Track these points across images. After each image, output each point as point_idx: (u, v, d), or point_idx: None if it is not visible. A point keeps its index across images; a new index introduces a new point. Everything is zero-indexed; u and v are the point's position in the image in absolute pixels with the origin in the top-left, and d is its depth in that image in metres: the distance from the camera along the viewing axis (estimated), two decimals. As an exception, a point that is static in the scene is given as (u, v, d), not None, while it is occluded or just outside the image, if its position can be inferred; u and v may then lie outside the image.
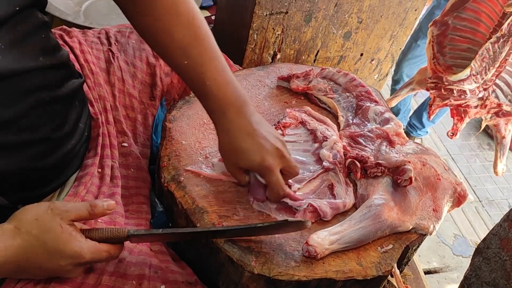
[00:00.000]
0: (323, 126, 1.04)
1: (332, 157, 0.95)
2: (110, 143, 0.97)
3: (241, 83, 1.18)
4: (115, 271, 0.77)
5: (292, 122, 1.05)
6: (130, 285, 0.76)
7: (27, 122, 0.75)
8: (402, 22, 1.53)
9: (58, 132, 0.82)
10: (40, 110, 0.77)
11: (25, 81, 0.73)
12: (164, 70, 1.13)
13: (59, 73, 0.82)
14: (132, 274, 0.78)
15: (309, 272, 0.78)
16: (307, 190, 0.91)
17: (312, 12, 1.36)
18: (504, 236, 0.73)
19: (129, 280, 0.77)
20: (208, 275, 0.88)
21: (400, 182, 0.91)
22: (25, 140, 0.75)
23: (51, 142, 0.81)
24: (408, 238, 0.89)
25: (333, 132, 1.03)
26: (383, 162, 0.94)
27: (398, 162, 0.92)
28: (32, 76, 0.74)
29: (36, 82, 0.75)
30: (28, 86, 0.73)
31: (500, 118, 1.24)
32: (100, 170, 0.92)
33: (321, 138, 1.00)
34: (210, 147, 0.98)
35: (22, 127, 0.74)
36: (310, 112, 1.09)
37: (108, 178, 0.91)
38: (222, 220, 0.83)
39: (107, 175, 0.91)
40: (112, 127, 1.00)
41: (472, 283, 0.79)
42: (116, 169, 0.94)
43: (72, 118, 0.86)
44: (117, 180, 0.92)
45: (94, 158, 0.92)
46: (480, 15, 1.14)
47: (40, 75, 0.75)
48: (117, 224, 0.84)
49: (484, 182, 2.95)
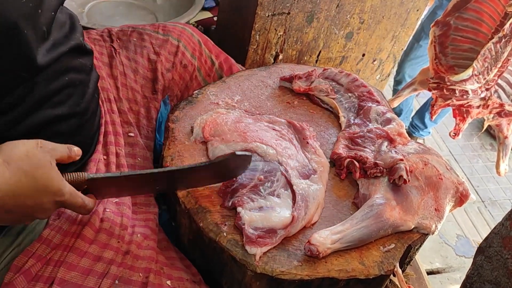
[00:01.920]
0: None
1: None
2: (115, 131, 0.98)
3: (244, 84, 1.19)
4: (122, 262, 0.79)
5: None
6: (137, 277, 0.78)
7: (61, 97, 0.80)
8: (404, 23, 1.53)
9: (83, 113, 0.86)
10: (70, 90, 0.82)
11: (61, 63, 0.78)
12: (165, 65, 1.14)
13: (86, 59, 0.88)
14: (139, 267, 0.79)
15: (312, 271, 0.79)
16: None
17: (314, 13, 1.37)
18: (506, 235, 0.73)
19: (136, 272, 0.78)
20: (211, 274, 0.88)
21: (393, 181, 0.91)
22: (58, 114, 0.79)
23: (80, 118, 0.85)
24: (411, 237, 0.89)
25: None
26: (380, 162, 0.94)
27: (391, 162, 0.93)
28: (65, 60, 0.79)
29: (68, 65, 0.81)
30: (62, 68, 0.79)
31: (502, 118, 1.24)
32: (105, 157, 0.93)
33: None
34: (212, 147, 0.99)
35: (55, 102, 0.79)
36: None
37: (114, 166, 0.92)
38: (225, 220, 0.84)
39: (112, 163, 0.92)
40: (117, 115, 1.01)
41: (474, 281, 0.79)
42: (122, 157, 0.95)
43: (92, 106, 0.91)
44: (124, 169, 0.94)
45: (97, 145, 0.93)
46: (482, 15, 1.14)
47: (71, 59, 0.82)
48: (125, 215, 0.86)
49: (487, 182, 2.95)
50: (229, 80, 1.19)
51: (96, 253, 0.78)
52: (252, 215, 0.82)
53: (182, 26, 1.22)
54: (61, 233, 0.78)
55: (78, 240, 0.78)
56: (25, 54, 0.70)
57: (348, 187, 0.98)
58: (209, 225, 0.83)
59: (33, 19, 0.70)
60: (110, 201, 0.87)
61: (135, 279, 0.77)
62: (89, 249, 0.78)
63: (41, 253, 0.75)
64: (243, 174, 0.89)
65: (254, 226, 0.81)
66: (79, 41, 0.84)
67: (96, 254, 0.78)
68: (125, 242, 0.82)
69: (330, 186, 0.97)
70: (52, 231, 0.77)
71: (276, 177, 0.90)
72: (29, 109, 0.75)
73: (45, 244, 0.76)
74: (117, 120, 1.00)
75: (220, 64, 1.26)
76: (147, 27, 1.18)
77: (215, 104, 1.10)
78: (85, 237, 0.78)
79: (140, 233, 0.85)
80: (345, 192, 0.96)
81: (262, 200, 0.85)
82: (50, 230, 0.77)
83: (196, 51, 1.20)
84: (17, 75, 0.71)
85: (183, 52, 1.17)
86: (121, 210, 0.86)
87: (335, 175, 1.00)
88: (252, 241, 0.79)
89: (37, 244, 0.75)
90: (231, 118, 1.02)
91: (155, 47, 1.14)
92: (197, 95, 1.11)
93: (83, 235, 0.78)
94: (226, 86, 1.16)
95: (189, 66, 1.19)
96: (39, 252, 0.75)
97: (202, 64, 1.22)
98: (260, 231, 0.81)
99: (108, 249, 0.79)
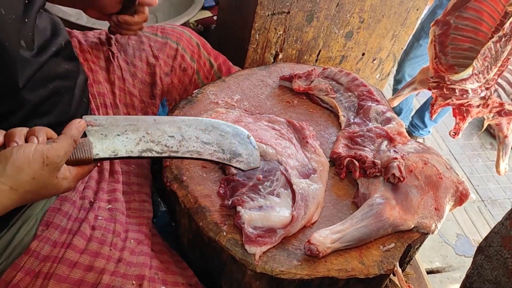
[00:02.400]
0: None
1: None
2: None
3: (243, 83, 1.18)
4: (115, 271, 0.77)
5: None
6: (130, 285, 0.77)
7: (47, 107, 0.79)
8: (404, 22, 1.53)
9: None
10: (56, 98, 0.81)
11: (43, 72, 0.77)
12: (164, 70, 1.14)
13: (72, 65, 0.86)
14: (132, 274, 0.78)
15: (311, 270, 0.79)
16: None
17: (313, 12, 1.36)
18: (506, 234, 0.73)
19: (129, 280, 0.77)
20: (210, 275, 0.88)
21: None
22: (45, 124, 0.76)
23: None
24: (410, 236, 0.89)
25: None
26: (377, 161, 0.94)
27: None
28: (48, 67, 0.78)
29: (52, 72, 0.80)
30: (46, 75, 0.78)
31: (502, 117, 1.24)
32: (98, 164, 0.92)
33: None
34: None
35: (43, 111, 0.78)
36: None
37: (107, 173, 0.91)
38: (224, 220, 0.84)
39: (105, 170, 0.91)
40: None
41: (474, 281, 0.79)
42: (117, 164, 0.94)
43: (80, 111, 0.89)
44: (117, 175, 0.93)
45: None
46: (482, 14, 1.14)
47: (54, 66, 0.80)
48: (118, 221, 0.84)
49: (487, 181, 2.94)
50: (228, 79, 1.19)
51: (87, 262, 0.76)
52: (252, 214, 0.82)
53: (181, 28, 1.22)
54: (50, 244, 0.76)
55: (68, 250, 0.76)
56: (7, 67, 0.69)
57: (348, 186, 0.98)
58: (209, 224, 0.82)
59: (14, 30, 0.69)
60: (103, 208, 0.85)
61: (128, 287, 0.76)
62: (79, 259, 0.76)
63: (30, 266, 0.73)
64: (242, 173, 0.88)
65: (254, 225, 0.81)
66: (61, 46, 0.82)
67: (87, 263, 0.76)
68: (117, 249, 0.80)
69: (329, 186, 0.97)
70: (40, 242, 0.76)
71: (275, 177, 0.89)
72: (19, 122, 0.74)
73: (33, 256, 0.74)
74: None
75: (219, 66, 1.26)
76: (146, 29, 1.17)
77: (215, 103, 1.10)
78: (75, 247, 0.77)
79: (134, 238, 0.84)
80: (344, 192, 0.96)
81: (261, 200, 0.85)
82: (38, 241, 0.76)
83: (195, 54, 1.20)
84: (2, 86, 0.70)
85: (183, 55, 1.17)
86: (114, 216, 0.85)
87: (334, 175, 1.00)
88: (252, 241, 0.79)
89: (25, 257, 0.74)
90: (231, 118, 1.02)
91: (154, 50, 1.13)
92: (196, 94, 1.11)
93: (73, 245, 0.77)
94: (226, 85, 1.16)
95: (189, 69, 1.18)
96: (27, 265, 0.73)
97: (201, 66, 1.21)
98: (260, 230, 0.80)
99: (100, 258, 0.78)
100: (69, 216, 0.81)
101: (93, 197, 0.86)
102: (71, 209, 0.82)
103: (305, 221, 0.85)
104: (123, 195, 0.91)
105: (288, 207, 0.84)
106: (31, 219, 0.79)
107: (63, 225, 0.79)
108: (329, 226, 0.84)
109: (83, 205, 0.84)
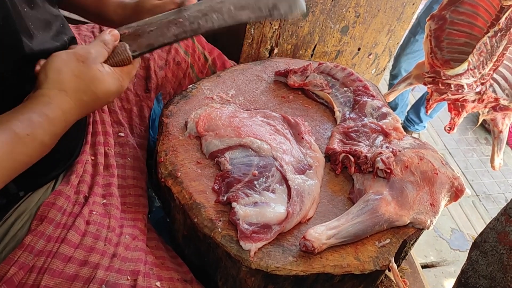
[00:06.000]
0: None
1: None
2: (104, 131, 0.97)
3: (238, 78, 1.18)
4: (109, 266, 0.77)
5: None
6: (125, 280, 0.76)
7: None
8: (399, 16, 1.52)
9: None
10: None
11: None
12: (158, 63, 1.13)
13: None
14: (127, 270, 0.78)
15: (307, 267, 0.78)
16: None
17: (309, 6, 1.35)
18: (501, 230, 0.73)
19: (123, 275, 0.77)
20: (206, 271, 0.88)
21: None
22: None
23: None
24: (406, 232, 0.89)
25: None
26: (369, 156, 0.94)
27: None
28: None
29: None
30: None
31: (497, 112, 1.24)
32: (93, 158, 0.91)
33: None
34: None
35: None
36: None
37: (102, 167, 0.91)
38: (219, 216, 0.83)
39: (100, 164, 0.90)
40: (107, 115, 1.00)
41: (469, 276, 0.79)
42: (112, 158, 0.93)
43: None
44: (112, 169, 0.92)
45: (84, 146, 0.92)
46: (477, 9, 1.14)
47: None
48: (113, 217, 0.84)
49: (481, 176, 2.96)
50: (223, 74, 1.18)
51: (82, 257, 0.76)
52: (247, 210, 0.81)
53: None
54: (44, 239, 0.76)
55: (63, 245, 0.76)
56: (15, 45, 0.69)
57: (343, 182, 0.97)
58: (204, 220, 0.82)
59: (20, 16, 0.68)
60: (98, 203, 0.85)
61: (122, 282, 0.76)
62: (74, 254, 0.76)
63: (24, 261, 0.73)
64: (237, 169, 0.88)
65: (249, 221, 0.80)
66: (65, 42, 0.82)
67: (82, 258, 0.76)
68: (112, 244, 0.80)
69: (325, 181, 0.96)
70: (34, 237, 0.75)
71: (271, 172, 0.89)
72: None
73: (27, 251, 0.74)
74: (107, 120, 0.99)
75: (214, 60, 1.25)
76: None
77: (210, 98, 1.09)
78: (70, 242, 0.77)
79: (129, 234, 0.84)
80: (340, 187, 0.96)
81: (257, 196, 0.85)
82: (32, 236, 0.76)
83: (189, 48, 1.19)
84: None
85: (177, 49, 1.16)
86: (108, 211, 0.85)
87: (330, 170, 0.99)
88: (247, 237, 0.78)
89: (19, 251, 0.74)
90: (226, 113, 1.01)
91: None
92: (191, 89, 1.10)
93: (67, 239, 0.77)
94: (221, 80, 1.15)
95: (183, 63, 1.17)
96: (21, 259, 0.73)
97: (195, 60, 1.21)
98: (255, 226, 0.80)
99: (94, 253, 0.77)
100: (63, 211, 0.80)
101: (88, 191, 0.86)
102: (65, 204, 0.81)
103: (300, 217, 0.85)
104: (118, 189, 0.91)
105: (284, 203, 0.84)
106: (25, 213, 0.79)
107: (58, 219, 0.79)
108: (325, 222, 0.84)
109: (78, 200, 0.83)
